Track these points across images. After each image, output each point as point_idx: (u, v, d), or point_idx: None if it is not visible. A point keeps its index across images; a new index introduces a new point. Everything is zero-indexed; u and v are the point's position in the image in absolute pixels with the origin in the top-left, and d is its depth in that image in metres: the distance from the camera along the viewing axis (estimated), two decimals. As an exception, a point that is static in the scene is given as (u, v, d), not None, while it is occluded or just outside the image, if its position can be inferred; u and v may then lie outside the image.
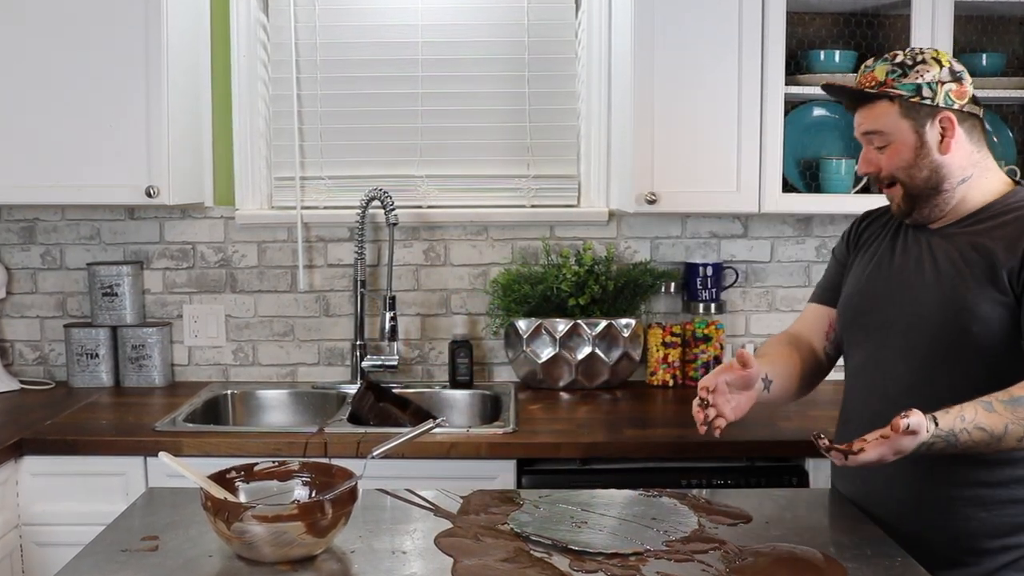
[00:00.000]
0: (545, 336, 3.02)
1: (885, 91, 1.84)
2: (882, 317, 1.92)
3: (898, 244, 1.97)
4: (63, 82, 2.73)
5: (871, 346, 1.94)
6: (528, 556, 1.65)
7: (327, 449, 2.47)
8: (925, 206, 1.88)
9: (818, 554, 1.66)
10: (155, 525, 1.81)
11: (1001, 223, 1.82)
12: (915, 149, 1.84)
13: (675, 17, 2.72)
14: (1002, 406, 1.65)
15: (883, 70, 1.85)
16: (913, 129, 1.84)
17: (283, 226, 3.14)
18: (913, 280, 1.89)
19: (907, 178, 1.86)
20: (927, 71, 1.82)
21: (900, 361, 1.87)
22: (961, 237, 1.86)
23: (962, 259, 1.82)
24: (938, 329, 1.82)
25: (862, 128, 1.90)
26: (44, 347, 3.19)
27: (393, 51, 3.13)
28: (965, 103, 1.85)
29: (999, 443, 1.66)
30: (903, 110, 1.83)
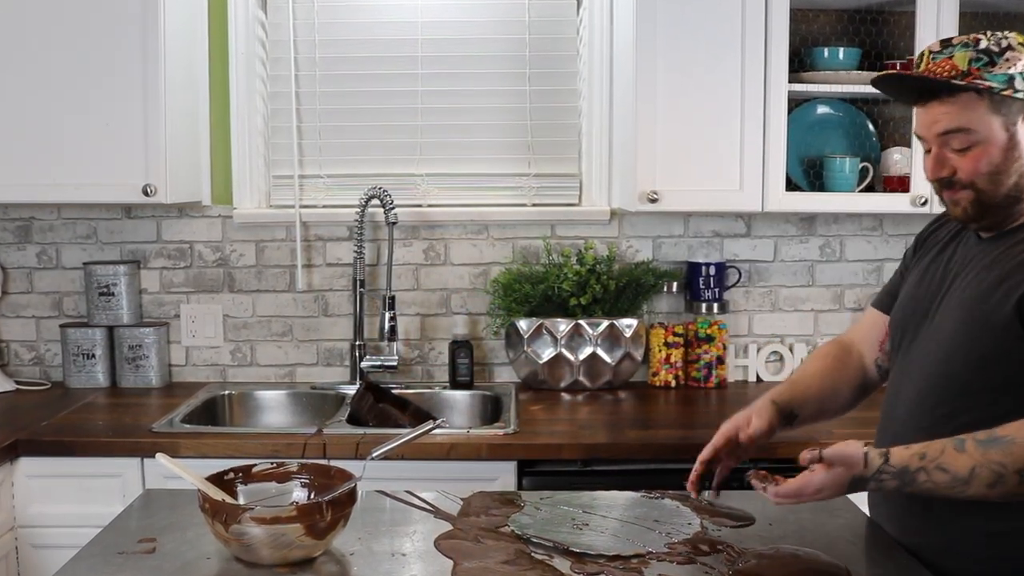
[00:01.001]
0: (546, 336, 3.02)
1: (974, 83, 1.59)
2: (913, 334, 1.78)
3: (948, 252, 1.80)
4: (59, 79, 2.73)
5: (899, 364, 1.81)
6: (529, 558, 1.65)
7: (326, 450, 2.47)
8: (998, 215, 1.66)
9: (821, 556, 1.66)
10: (152, 527, 1.81)
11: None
12: (1005, 151, 1.61)
13: (677, 14, 2.72)
14: (974, 446, 1.49)
15: (964, 57, 1.60)
16: (1004, 126, 1.60)
17: (281, 225, 3.14)
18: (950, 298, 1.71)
19: (989, 184, 1.63)
20: (1018, 59, 1.59)
21: (914, 382, 1.73)
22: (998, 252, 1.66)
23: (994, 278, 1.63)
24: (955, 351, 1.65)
25: (940, 126, 1.63)
26: (40, 347, 3.19)
27: (393, 48, 3.13)
28: None
29: (964, 487, 1.49)
30: (993, 105, 1.59)
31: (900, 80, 1.72)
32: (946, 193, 1.69)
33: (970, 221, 1.69)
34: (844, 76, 2.80)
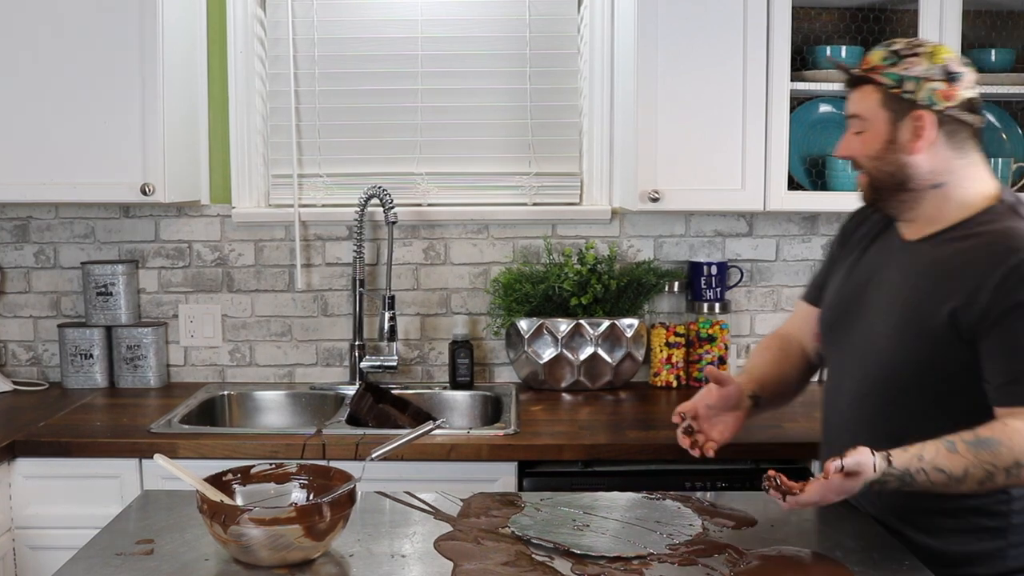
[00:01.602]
0: (547, 336, 3.01)
1: (871, 76, 1.80)
2: (845, 332, 1.90)
3: (875, 247, 1.93)
4: (57, 78, 2.73)
5: (835, 359, 1.95)
6: (529, 560, 1.65)
7: (325, 451, 2.47)
8: (891, 200, 1.85)
9: (824, 557, 1.66)
10: (150, 528, 1.81)
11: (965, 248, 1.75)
12: (885, 142, 1.80)
13: (679, 12, 2.72)
14: (965, 447, 1.61)
15: (879, 55, 1.81)
16: (888, 121, 1.79)
17: (280, 224, 3.14)
18: (877, 298, 1.85)
19: (872, 169, 1.83)
20: (917, 64, 1.77)
21: (854, 381, 1.86)
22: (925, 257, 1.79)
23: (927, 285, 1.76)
24: (893, 355, 1.78)
25: (848, 109, 1.87)
26: (37, 347, 3.19)
27: (392, 46, 3.13)
28: (952, 105, 1.76)
29: (958, 486, 1.61)
30: (883, 99, 1.79)
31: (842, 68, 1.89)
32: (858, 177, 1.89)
33: (870, 202, 1.89)
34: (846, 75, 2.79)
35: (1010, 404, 1.66)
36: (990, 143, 2.98)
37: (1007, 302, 1.66)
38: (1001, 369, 1.67)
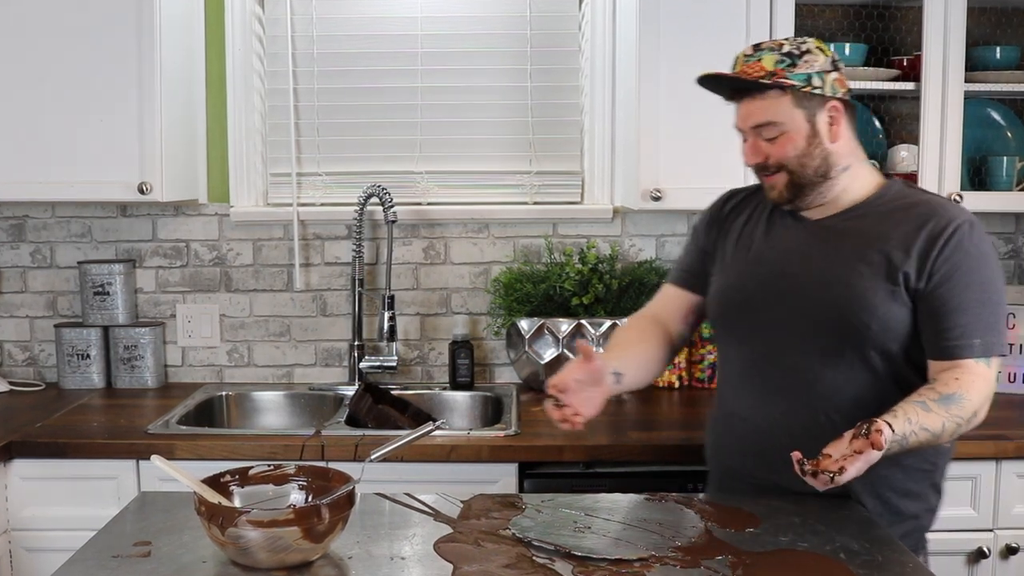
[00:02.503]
0: (548, 336, 3.01)
1: (779, 81, 1.86)
2: (770, 313, 1.97)
3: (776, 233, 2.02)
4: (53, 75, 2.73)
5: (758, 342, 2.00)
6: (530, 562, 1.65)
7: (324, 452, 2.47)
8: (810, 193, 1.94)
9: (828, 559, 1.66)
10: (148, 530, 1.80)
11: (887, 218, 1.91)
12: (808, 138, 1.89)
13: (681, 9, 2.72)
14: (936, 405, 1.75)
15: (772, 60, 1.87)
16: (806, 118, 1.89)
17: (279, 223, 3.14)
18: (802, 274, 1.95)
19: (798, 167, 1.91)
20: (815, 61, 1.88)
21: (796, 357, 1.94)
22: (848, 230, 1.93)
23: (854, 254, 1.90)
24: (834, 324, 1.89)
25: (752, 120, 1.91)
26: (34, 347, 3.19)
27: (392, 44, 3.12)
28: (846, 92, 1.92)
29: (937, 440, 1.77)
30: (796, 100, 1.88)
31: (717, 80, 1.95)
32: (764, 178, 1.97)
33: (786, 201, 1.96)
34: (850, 72, 2.76)
35: (953, 357, 1.83)
36: (994, 141, 2.98)
37: (953, 263, 1.83)
38: (946, 325, 1.83)
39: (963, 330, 1.82)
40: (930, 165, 2.77)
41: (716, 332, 2.15)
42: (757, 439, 2.00)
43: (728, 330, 2.08)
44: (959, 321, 1.83)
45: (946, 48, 2.74)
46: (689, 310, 2.17)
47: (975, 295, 1.84)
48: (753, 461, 2.02)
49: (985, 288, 1.85)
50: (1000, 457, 2.48)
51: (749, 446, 2.03)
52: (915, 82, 2.79)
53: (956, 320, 1.83)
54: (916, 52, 2.82)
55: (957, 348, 1.83)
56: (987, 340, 1.83)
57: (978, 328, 1.83)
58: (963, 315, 1.83)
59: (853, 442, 1.65)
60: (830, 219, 1.96)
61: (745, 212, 2.11)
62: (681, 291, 2.18)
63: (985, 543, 2.50)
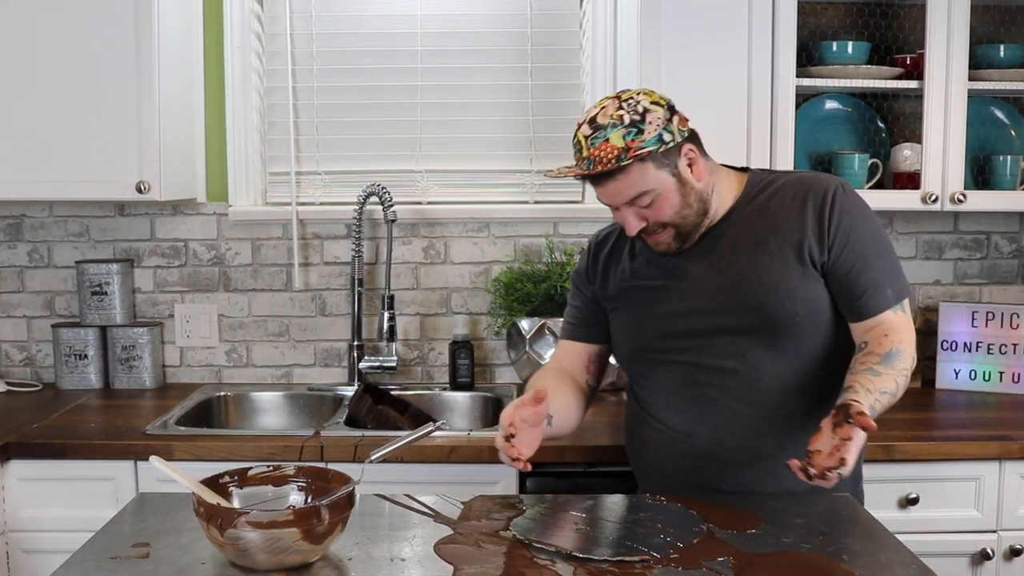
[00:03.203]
0: (548, 336, 3.01)
1: (636, 155, 1.88)
2: (694, 331, 2.01)
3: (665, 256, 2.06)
4: (51, 73, 2.73)
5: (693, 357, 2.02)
6: (531, 563, 1.65)
7: (323, 453, 2.47)
8: (697, 230, 2.01)
9: (831, 561, 1.66)
10: (146, 531, 1.80)
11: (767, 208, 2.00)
12: (679, 191, 1.95)
13: (682, 7, 2.71)
14: (881, 367, 1.84)
15: (619, 135, 1.89)
16: (670, 174, 1.94)
17: (278, 223, 3.14)
18: (713, 284, 2.00)
19: (680, 219, 1.97)
20: (656, 116, 1.91)
21: (735, 361, 1.98)
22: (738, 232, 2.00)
23: (757, 251, 1.97)
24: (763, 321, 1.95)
25: (623, 197, 1.94)
26: (31, 348, 3.19)
27: (392, 42, 3.12)
28: (688, 127, 1.98)
29: (895, 398, 1.86)
30: (656, 163, 1.92)
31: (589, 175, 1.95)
32: (648, 237, 2.01)
33: (678, 249, 2.02)
34: (853, 70, 2.79)
35: (873, 314, 1.93)
36: (998, 140, 2.98)
37: (844, 227, 1.93)
38: (858, 286, 1.93)
39: (873, 286, 1.93)
40: (933, 164, 2.77)
41: (632, 367, 2.16)
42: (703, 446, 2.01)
43: (651, 360, 2.09)
44: (867, 279, 1.93)
45: (949, 46, 2.73)
46: (590, 360, 2.22)
47: (871, 249, 1.94)
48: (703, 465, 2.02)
49: (876, 240, 1.96)
50: (1004, 458, 2.48)
51: (697, 453, 2.02)
52: (918, 80, 2.79)
53: (865, 279, 1.93)
54: (919, 50, 2.82)
55: (874, 304, 1.93)
56: (896, 288, 1.95)
57: (885, 279, 1.94)
58: (869, 272, 1.93)
59: (837, 431, 1.70)
60: (714, 230, 2.03)
61: (619, 251, 2.15)
62: (577, 344, 2.23)
63: (989, 545, 2.49)
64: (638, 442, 2.17)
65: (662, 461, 2.10)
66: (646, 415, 2.12)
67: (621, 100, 1.93)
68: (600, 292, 2.17)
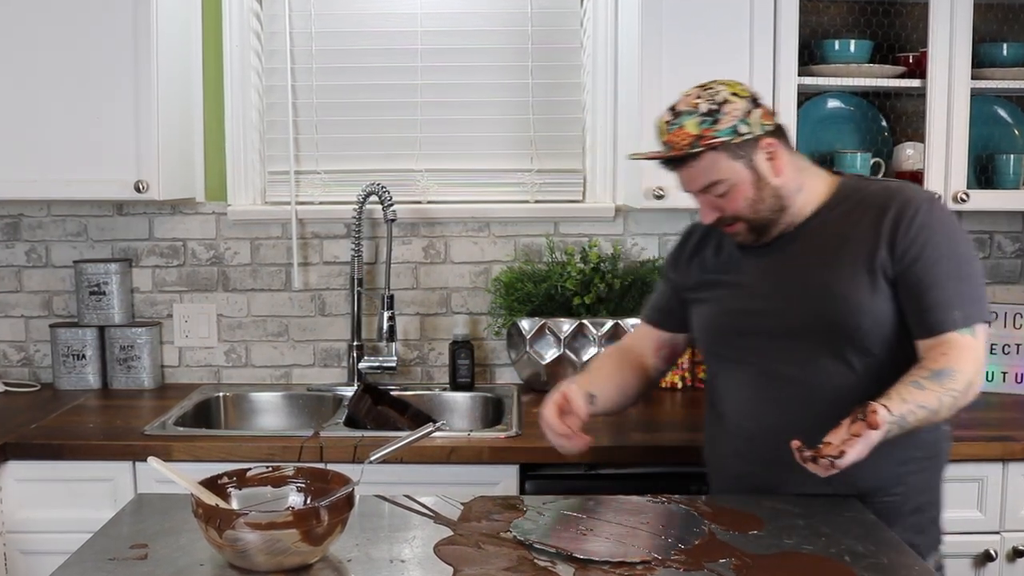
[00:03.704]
0: (549, 336, 3.01)
1: (709, 144, 1.92)
2: (766, 330, 2.02)
3: (747, 255, 2.08)
4: (49, 72, 2.73)
5: (757, 359, 2.04)
6: (532, 565, 1.65)
7: (323, 454, 2.47)
8: (773, 228, 2.02)
9: (833, 562, 1.66)
10: (144, 533, 1.80)
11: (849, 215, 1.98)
12: (754, 183, 1.96)
13: (683, 4, 2.71)
14: (928, 382, 1.80)
15: (694, 123, 1.92)
16: (745, 166, 1.95)
17: (277, 222, 3.14)
18: (783, 289, 2.01)
19: (753, 213, 1.98)
20: (735, 109, 1.93)
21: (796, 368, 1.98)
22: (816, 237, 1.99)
23: (829, 257, 1.96)
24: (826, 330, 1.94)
25: (697, 184, 1.98)
26: (29, 348, 3.19)
27: (392, 40, 3.12)
28: (773, 122, 1.98)
29: (936, 416, 1.82)
30: (730, 154, 1.93)
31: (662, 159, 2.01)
32: (724, 229, 2.04)
33: (754, 241, 2.04)
34: (855, 69, 2.79)
35: (936, 333, 1.88)
36: (1001, 139, 2.98)
37: (921, 241, 1.89)
38: (925, 303, 1.89)
39: (941, 305, 1.88)
40: (936, 163, 2.77)
41: (709, 357, 2.20)
42: (765, 449, 2.01)
43: (723, 355, 2.13)
44: (936, 297, 1.88)
45: (952, 45, 2.74)
46: (661, 346, 2.27)
47: (947, 268, 1.89)
48: (763, 470, 2.03)
49: (955, 260, 1.91)
50: (1007, 459, 2.48)
51: (758, 456, 2.04)
52: (921, 79, 2.79)
53: (933, 296, 1.88)
54: (922, 49, 2.82)
55: (939, 323, 1.88)
56: (967, 311, 1.88)
57: (956, 300, 1.88)
58: (939, 290, 1.88)
59: (851, 427, 1.71)
60: (796, 232, 2.02)
61: (709, 244, 2.17)
62: (652, 329, 2.28)
63: (992, 546, 2.50)
64: (711, 440, 2.21)
65: (728, 462, 2.13)
66: (715, 413, 2.16)
67: (703, 89, 1.96)
68: (682, 281, 2.20)
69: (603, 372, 2.21)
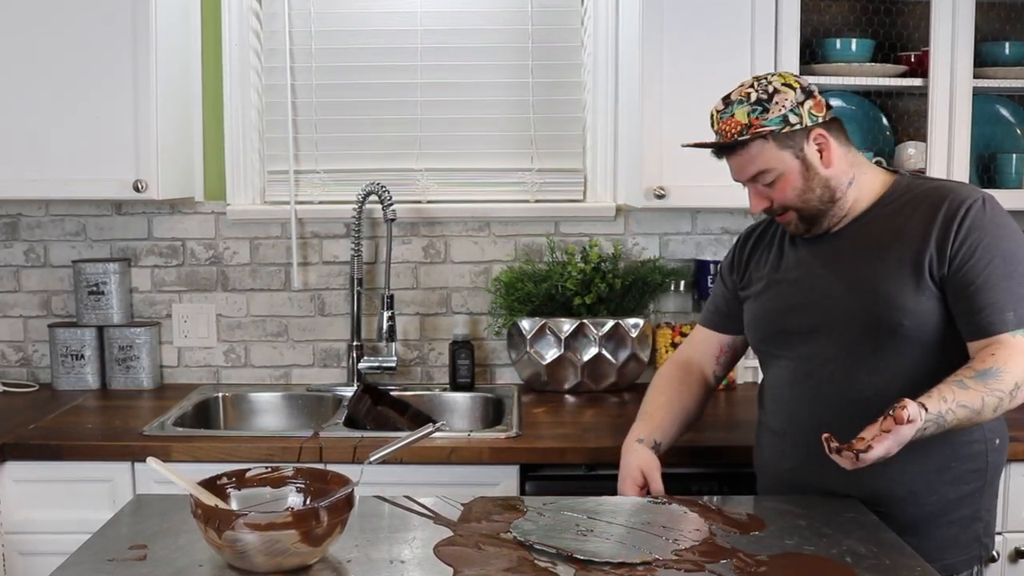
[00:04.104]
0: (549, 336, 3.01)
1: (757, 133, 1.94)
2: (807, 330, 2.03)
3: (799, 254, 2.09)
4: (48, 71, 2.73)
5: (798, 356, 2.05)
6: (532, 566, 1.65)
7: (322, 454, 2.47)
8: (824, 219, 2.02)
9: (834, 563, 1.66)
10: (143, 533, 1.80)
11: (900, 213, 1.97)
12: (803, 174, 1.97)
13: (685, 3, 2.71)
14: (973, 382, 1.79)
15: (744, 112, 1.95)
16: (794, 156, 1.96)
17: (276, 222, 3.14)
18: (829, 285, 2.01)
19: (801, 203, 1.99)
20: (785, 99, 1.95)
21: (835, 365, 1.99)
22: (866, 234, 2.00)
23: (876, 255, 1.96)
24: (868, 328, 1.94)
25: (745, 173, 2.01)
26: (27, 348, 3.19)
27: (392, 39, 3.12)
28: (826, 113, 1.98)
29: (979, 417, 1.80)
30: (779, 143, 1.95)
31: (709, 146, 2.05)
32: (776, 218, 2.06)
33: (805, 232, 2.05)
34: (857, 68, 2.79)
35: (988, 334, 1.86)
36: (1004, 138, 2.98)
37: (971, 242, 1.88)
38: (976, 304, 1.87)
39: (993, 306, 1.86)
40: (938, 163, 2.77)
41: (759, 354, 2.21)
42: (800, 446, 2.01)
43: (771, 351, 2.14)
44: (988, 298, 1.86)
45: (954, 43, 2.74)
46: (721, 350, 2.29)
47: (999, 269, 1.87)
48: (798, 467, 2.04)
49: (1008, 261, 1.89)
50: (1009, 459, 2.46)
51: (793, 453, 2.05)
52: (923, 78, 2.79)
53: (985, 297, 1.86)
54: (924, 48, 2.82)
55: (990, 324, 1.86)
56: (1020, 312, 1.86)
57: (1008, 301, 1.86)
58: (990, 291, 1.86)
59: (883, 423, 1.71)
60: (847, 228, 2.03)
61: (763, 245, 2.20)
62: (712, 333, 2.31)
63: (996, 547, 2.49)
64: (757, 441, 2.22)
65: (768, 459, 2.14)
66: (762, 409, 2.18)
67: (756, 80, 1.98)
68: (740, 282, 2.22)
69: (663, 410, 2.22)
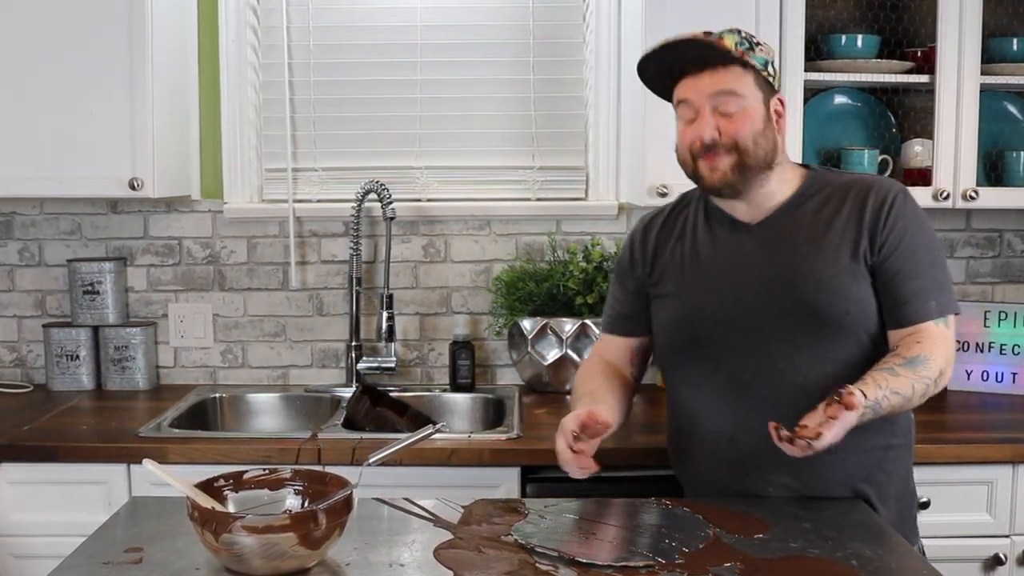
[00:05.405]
0: (551, 337, 3.01)
1: (745, 59, 1.93)
2: (742, 325, 2.00)
3: (721, 245, 2.06)
4: (43, 68, 2.73)
5: (735, 357, 2.01)
6: (533, 569, 1.65)
7: (321, 456, 2.47)
8: (752, 180, 1.97)
9: (839, 566, 1.66)
10: (139, 536, 1.81)
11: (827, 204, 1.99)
12: (764, 120, 1.95)
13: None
14: (903, 369, 1.84)
15: (732, 40, 1.93)
16: (763, 101, 1.96)
17: (274, 220, 3.14)
18: (764, 277, 1.99)
19: (752, 146, 1.94)
20: (768, 51, 1.98)
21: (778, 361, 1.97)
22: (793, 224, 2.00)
23: (810, 245, 1.97)
24: (811, 319, 1.95)
25: (716, 87, 1.93)
26: (22, 348, 3.19)
27: (391, 35, 3.12)
28: None
29: (909, 403, 1.87)
30: (756, 80, 1.95)
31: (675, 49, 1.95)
32: (706, 159, 1.97)
33: (727, 186, 1.97)
34: (863, 64, 2.79)
35: (913, 322, 1.92)
36: (1011, 136, 2.98)
37: (899, 231, 1.93)
38: (902, 293, 1.93)
39: (918, 295, 1.92)
40: (945, 160, 2.77)
41: (675, 359, 2.14)
42: (750, 453, 1.99)
43: (696, 353, 2.06)
44: (913, 287, 1.93)
45: (961, 39, 2.73)
46: (633, 354, 2.24)
47: (923, 258, 1.94)
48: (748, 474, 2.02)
49: (930, 251, 1.96)
50: (1017, 461, 2.47)
51: (741, 461, 2.02)
52: (929, 75, 2.79)
53: (910, 286, 1.93)
54: (931, 43, 2.81)
55: (915, 313, 1.92)
56: (941, 300, 1.94)
57: (931, 290, 1.93)
58: (916, 280, 1.93)
59: (827, 409, 1.72)
60: (772, 219, 2.02)
61: (671, 237, 2.14)
62: (618, 338, 2.25)
63: (1001, 550, 2.49)
64: (681, 447, 2.18)
65: (706, 467, 2.09)
66: (687, 417, 2.12)
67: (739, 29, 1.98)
68: (649, 278, 2.16)
69: (603, 388, 2.13)
